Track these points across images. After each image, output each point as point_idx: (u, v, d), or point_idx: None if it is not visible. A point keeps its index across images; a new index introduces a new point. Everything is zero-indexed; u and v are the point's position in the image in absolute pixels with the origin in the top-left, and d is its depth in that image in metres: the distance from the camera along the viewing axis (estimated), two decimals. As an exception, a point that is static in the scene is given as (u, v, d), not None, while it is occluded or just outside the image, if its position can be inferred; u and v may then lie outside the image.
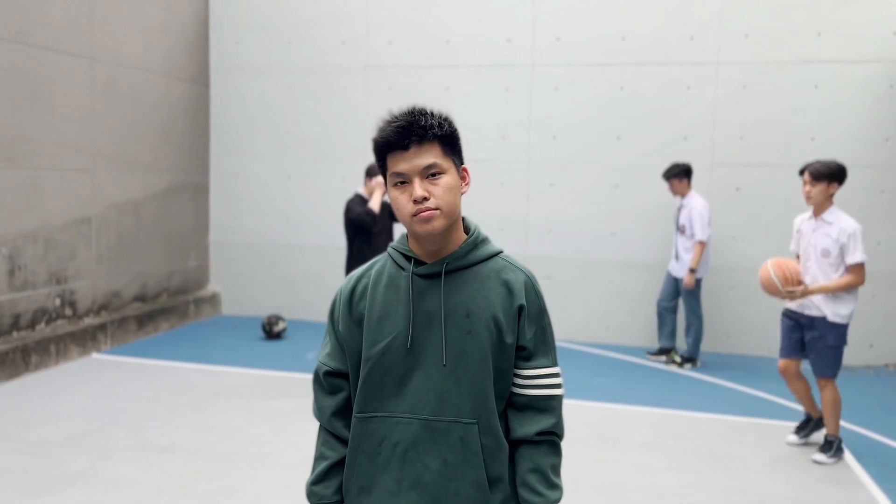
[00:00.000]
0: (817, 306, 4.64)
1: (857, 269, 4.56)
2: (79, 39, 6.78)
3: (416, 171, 1.65)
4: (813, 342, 4.68)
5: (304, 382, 6.12)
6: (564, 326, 8.05)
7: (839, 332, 4.62)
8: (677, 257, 7.04)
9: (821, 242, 4.63)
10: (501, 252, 1.80)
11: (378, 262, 1.82)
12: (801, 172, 4.75)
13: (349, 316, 1.79)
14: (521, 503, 1.75)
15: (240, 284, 8.95)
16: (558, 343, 7.63)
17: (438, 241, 1.71)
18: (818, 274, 4.65)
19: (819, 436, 5.02)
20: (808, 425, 5.01)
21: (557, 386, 1.79)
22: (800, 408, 5.86)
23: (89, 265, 7.04)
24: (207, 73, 8.75)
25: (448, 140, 1.70)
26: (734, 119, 7.58)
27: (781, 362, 4.90)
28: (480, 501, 1.72)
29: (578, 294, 8.02)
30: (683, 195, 7.02)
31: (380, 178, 4.89)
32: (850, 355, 7.25)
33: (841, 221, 4.59)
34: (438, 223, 1.66)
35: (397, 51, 8.28)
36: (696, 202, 6.89)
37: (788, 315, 4.86)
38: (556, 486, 1.76)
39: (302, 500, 3.57)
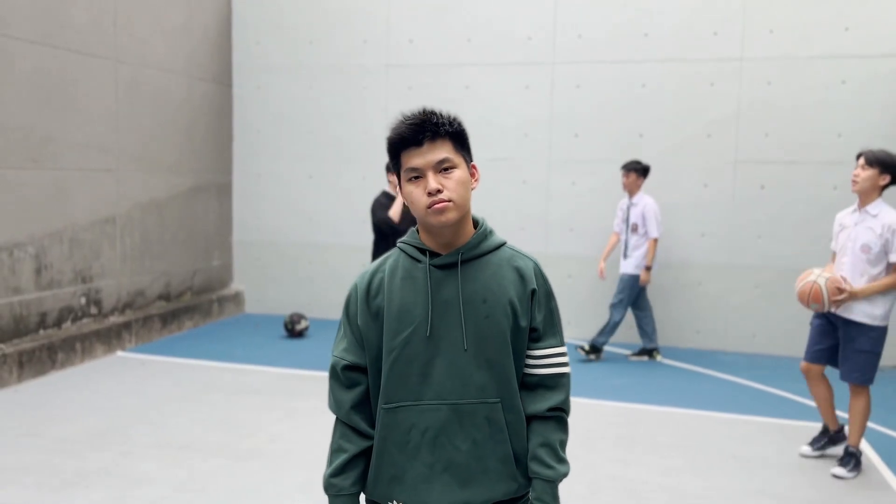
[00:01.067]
0: (848, 306, 4.34)
1: None
2: (103, 41, 6.86)
3: (430, 165, 1.76)
4: (845, 344, 4.39)
5: (325, 381, 6.15)
6: (586, 326, 7.99)
7: (872, 336, 4.32)
8: (626, 255, 7.04)
9: (862, 236, 4.31)
10: (506, 242, 1.92)
11: (390, 257, 1.90)
12: (859, 157, 4.45)
13: (367, 310, 1.86)
14: (532, 475, 1.85)
15: (263, 283, 9.01)
16: (582, 342, 7.58)
17: (451, 232, 1.81)
18: (851, 271, 4.34)
19: (836, 450, 4.73)
20: (823, 437, 4.72)
21: (565, 364, 1.90)
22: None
23: (114, 264, 7.12)
24: (230, 73, 8.82)
25: (458, 137, 1.81)
26: (759, 116, 7.47)
27: (804, 364, 4.67)
28: (508, 475, 1.84)
29: (600, 293, 7.96)
30: (633, 193, 7.07)
31: None
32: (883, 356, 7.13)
33: (885, 216, 4.28)
34: (452, 214, 1.75)
35: (418, 50, 8.28)
36: (648, 201, 7.01)
37: (820, 315, 4.56)
38: (564, 461, 1.87)
39: (322, 498, 3.58)
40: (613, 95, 7.80)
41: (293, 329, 7.78)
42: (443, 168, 1.76)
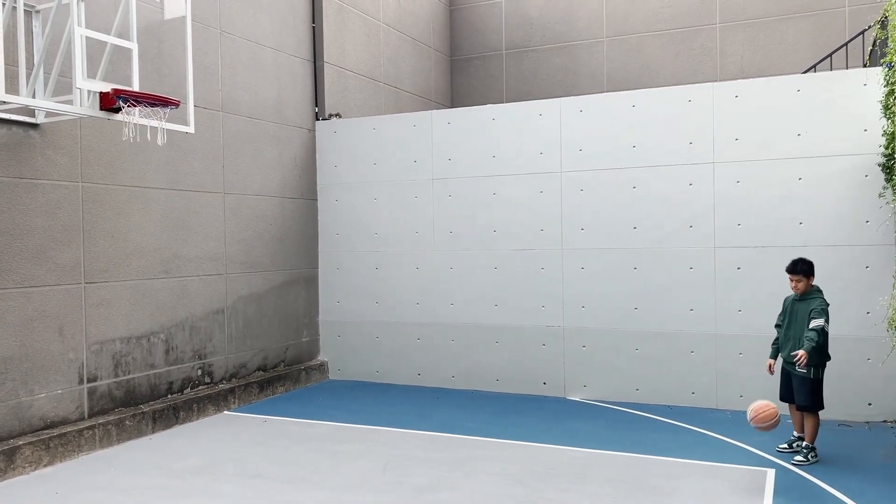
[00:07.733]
0: None
1: None
2: (215, 180, 9.35)
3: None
4: None
5: (371, 432, 8.08)
6: (600, 388, 9.51)
7: None
8: None
9: None
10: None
11: None
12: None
13: None
14: None
15: (342, 355, 11.14)
16: (592, 402, 9.07)
17: None
18: None
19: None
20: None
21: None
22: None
23: (223, 344, 9.45)
24: (315, 190, 11.21)
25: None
26: (731, 209, 8.90)
27: None
28: None
29: (610, 360, 9.48)
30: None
31: None
32: (848, 412, 8.27)
33: None
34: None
35: (456, 166, 10.33)
36: None
37: None
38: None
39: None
40: (610, 196, 9.47)
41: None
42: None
